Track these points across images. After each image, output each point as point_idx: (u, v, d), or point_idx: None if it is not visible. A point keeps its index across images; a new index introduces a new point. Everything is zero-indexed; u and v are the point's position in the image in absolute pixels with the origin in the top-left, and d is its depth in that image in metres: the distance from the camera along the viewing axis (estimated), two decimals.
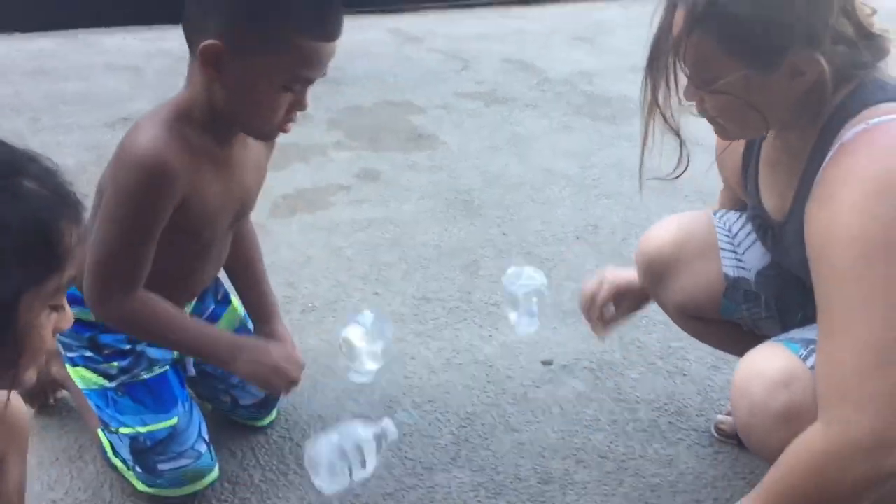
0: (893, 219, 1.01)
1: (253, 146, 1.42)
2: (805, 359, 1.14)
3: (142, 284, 1.35)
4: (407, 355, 1.91)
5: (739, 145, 1.37)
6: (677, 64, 1.13)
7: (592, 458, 1.63)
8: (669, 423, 1.73)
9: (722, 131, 1.23)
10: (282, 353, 1.47)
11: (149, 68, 3.47)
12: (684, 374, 1.88)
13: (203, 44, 1.22)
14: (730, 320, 1.49)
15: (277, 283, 2.11)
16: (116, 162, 1.30)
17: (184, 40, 1.29)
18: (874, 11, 1.14)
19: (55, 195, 0.86)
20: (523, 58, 3.93)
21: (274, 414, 1.67)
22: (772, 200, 1.30)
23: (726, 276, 1.46)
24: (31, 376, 0.94)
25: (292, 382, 1.47)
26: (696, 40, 1.11)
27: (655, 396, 1.81)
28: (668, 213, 2.61)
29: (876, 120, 1.08)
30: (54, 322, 0.91)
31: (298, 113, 1.32)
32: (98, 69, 3.50)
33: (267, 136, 1.36)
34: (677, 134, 1.20)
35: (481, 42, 4.16)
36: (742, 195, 1.43)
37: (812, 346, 1.13)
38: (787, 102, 1.15)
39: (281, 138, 2.05)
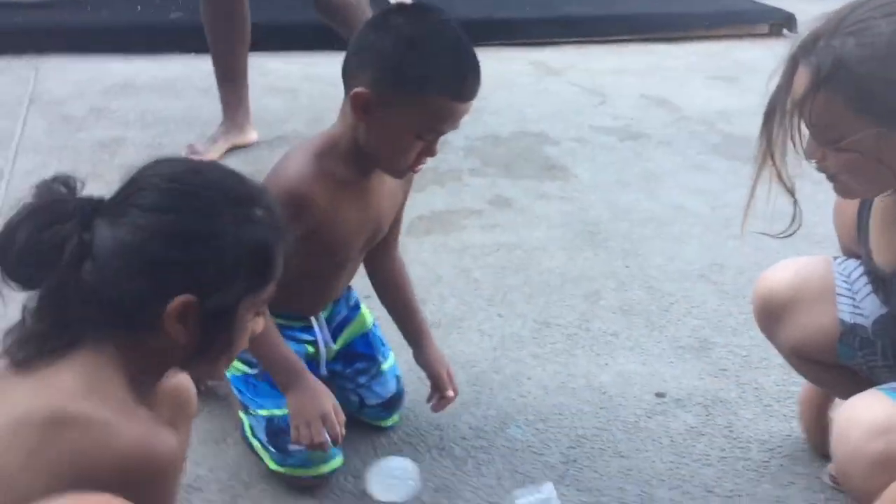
0: None
1: (391, 178, 1.58)
2: None
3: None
4: (524, 375, 2.00)
5: (854, 202, 1.39)
6: (799, 122, 1.16)
7: (699, 492, 1.67)
8: (781, 465, 1.74)
9: (843, 189, 1.25)
10: (327, 408, 1.52)
11: (303, 91, 3.74)
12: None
13: (354, 90, 1.40)
14: (846, 366, 1.50)
15: None
16: (267, 186, 1.49)
17: (335, 67, 1.49)
18: None
19: (275, 223, 1.05)
20: (660, 94, 3.95)
21: (397, 417, 1.80)
22: (884, 255, 1.31)
23: (842, 321, 1.48)
24: (223, 372, 1.12)
25: (318, 442, 1.52)
26: (822, 100, 1.13)
27: (769, 437, 1.82)
28: (795, 256, 2.59)
29: None
30: (254, 326, 1.09)
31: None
32: (260, 89, 3.80)
33: (398, 175, 1.54)
34: (791, 192, 1.23)
35: (619, 77, 4.21)
36: (855, 248, 1.44)
37: None
38: None
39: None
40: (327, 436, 1.53)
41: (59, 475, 0.92)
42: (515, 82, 4.06)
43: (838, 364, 1.51)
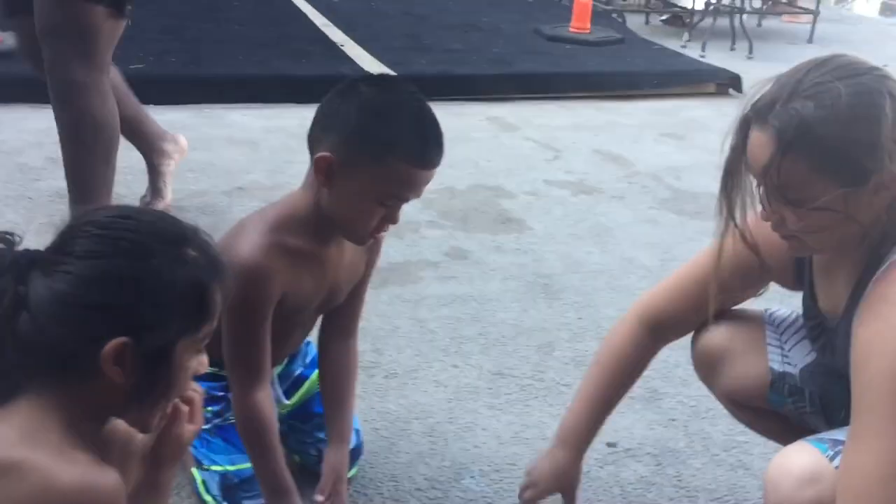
0: None
1: (351, 249, 1.60)
2: (832, 459, 1.21)
3: (264, 379, 1.52)
4: (479, 426, 2.02)
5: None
6: (763, 186, 1.19)
7: None
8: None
9: (799, 247, 1.27)
10: None
11: (264, 143, 3.78)
12: (747, 468, 1.92)
13: (319, 154, 1.43)
14: (778, 412, 1.56)
15: (365, 349, 2.28)
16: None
17: (296, 119, 1.51)
18: None
19: (210, 262, 1.06)
20: (613, 150, 4.08)
21: (355, 469, 1.81)
22: (827, 301, 1.37)
23: (772, 369, 1.54)
24: (159, 419, 1.11)
25: None
26: (787, 164, 1.15)
27: (716, 486, 1.86)
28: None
29: None
30: (194, 367, 1.09)
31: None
32: (221, 141, 3.84)
33: (359, 241, 1.54)
34: (756, 251, 1.27)
35: (574, 133, 4.33)
36: (788, 288, 1.48)
37: (839, 448, 1.20)
38: (869, 216, 1.19)
39: None
40: None
41: None
42: (472, 137, 4.16)
43: (771, 410, 1.57)
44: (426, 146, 1.43)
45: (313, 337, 1.88)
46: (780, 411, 1.56)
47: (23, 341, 0.99)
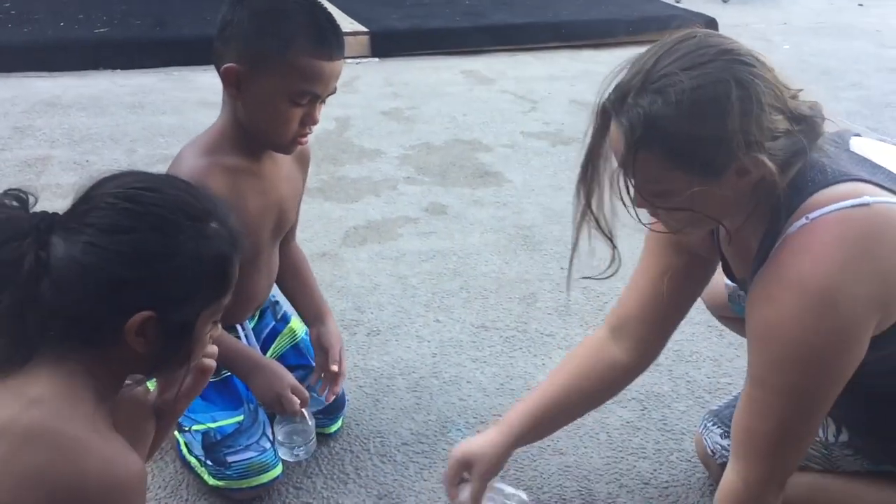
0: (827, 332, 1.14)
1: (284, 162, 1.61)
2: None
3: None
4: (463, 379, 2.02)
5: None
6: (626, 179, 1.18)
7: (636, 484, 1.71)
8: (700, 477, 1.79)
9: (676, 231, 1.30)
10: (290, 382, 1.58)
11: None
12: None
13: (224, 66, 1.43)
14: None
15: (346, 308, 2.27)
16: None
17: None
18: (798, 92, 1.19)
19: (230, 235, 1.06)
20: (590, 99, 4.03)
21: (340, 422, 1.81)
22: (739, 271, 1.40)
23: (727, 283, 1.61)
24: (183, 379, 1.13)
25: (293, 410, 1.58)
26: (640, 160, 1.16)
27: None
28: None
29: (817, 213, 1.15)
30: (211, 335, 1.10)
31: (369, 147, 1.49)
32: (191, 104, 3.77)
33: (285, 148, 1.54)
34: (610, 239, 1.27)
35: (550, 83, 4.29)
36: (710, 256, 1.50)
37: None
38: (736, 199, 1.20)
39: (354, 172, 2.14)
40: (298, 406, 1.57)
41: (24, 488, 0.91)
42: (447, 91, 4.10)
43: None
44: (323, 35, 1.43)
45: (278, 295, 1.87)
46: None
47: (45, 308, 0.98)
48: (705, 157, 1.14)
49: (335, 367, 1.68)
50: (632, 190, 1.20)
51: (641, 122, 1.14)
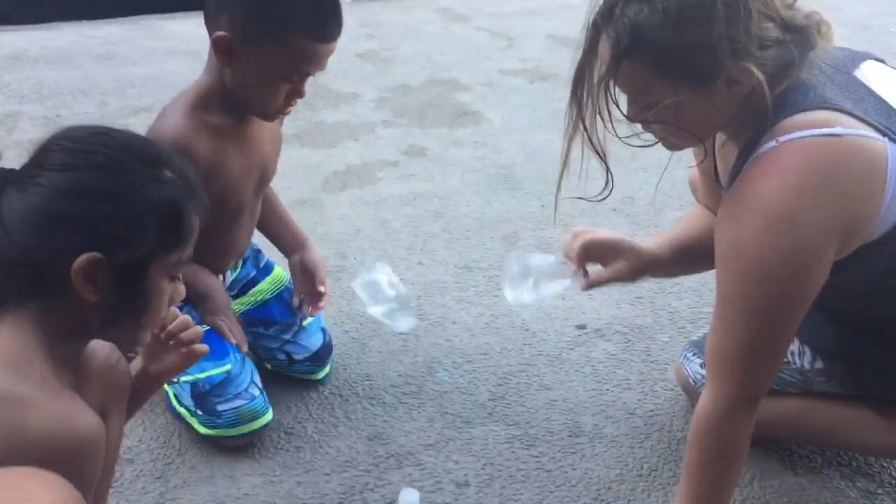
0: (785, 251, 1.16)
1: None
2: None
3: None
4: (448, 320, 2.03)
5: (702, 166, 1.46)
6: (609, 91, 1.18)
7: (621, 415, 1.74)
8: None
9: (670, 146, 1.29)
10: (230, 315, 1.61)
11: (206, 52, 3.64)
12: None
13: (216, 34, 1.40)
14: None
15: (329, 254, 2.26)
16: None
17: None
18: (790, 4, 1.18)
19: (186, 185, 1.04)
20: (568, 34, 3.98)
21: (328, 368, 1.82)
22: (723, 176, 1.40)
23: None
24: (146, 338, 1.11)
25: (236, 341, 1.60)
26: (627, 71, 1.16)
27: None
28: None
29: (786, 137, 1.15)
30: (171, 291, 1.08)
31: (346, 91, 1.48)
32: (161, 54, 3.68)
33: (269, 118, 1.54)
34: (602, 157, 1.27)
35: (526, 19, 4.23)
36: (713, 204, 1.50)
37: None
38: (727, 110, 1.21)
39: (331, 117, 2.09)
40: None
41: None
42: (422, 31, 4.04)
43: None
44: (324, 19, 1.41)
45: (264, 244, 1.86)
46: None
47: (2, 262, 0.97)
48: (692, 65, 1.14)
49: (322, 288, 1.72)
50: (618, 104, 1.20)
51: (627, 31, 1.14)
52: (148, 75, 3.44)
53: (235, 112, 1.51)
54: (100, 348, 1.13)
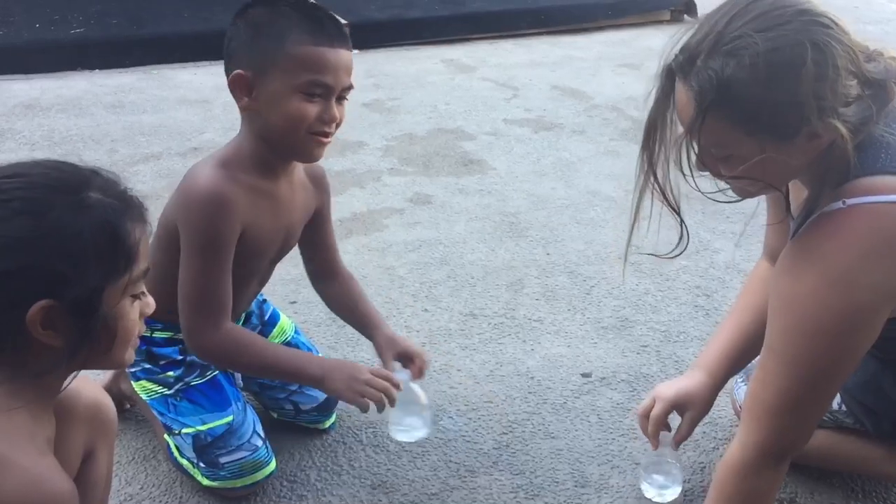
0: (840, 313, 1.16)
1: (299, 187, 1.58)
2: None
3: (229, 314, 1.49)
4: (453, 367, 2.02)
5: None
6: (689, 144, 1.16)
7: (627, 465, 1.72)
8: (703, 432, 1.81)
9: (741, 192, 1.26)
10: (367, 368, 1.54)
11: (217, 101, 3.69)
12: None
13: (233, 74, 1.43)
14: None
15: None
16: (182, 204, 1.46)
17: None
18: (873, 53, 1.17)
19: (118, 201, 1.01)
20: (571, 85, 4.04)
21: (334, 417, 1.81)
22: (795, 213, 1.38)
23: None
24: (130, 356, 1.08)
25: (385, 396, 1.51)
26: (709, 124, 1.13)
27: None
28: (709, 234, 2.70)
29: (854, 200, 1.14)
30: (139, 308, 1.06)
31: (352, 139, 1.48)
32: (171, 102, 3.74)
33: (305, 151, 1.48)
34: (677, 211, 1.24)
35: (531, 70, 4.29)
36: None
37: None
38: (804, 162, 1.18)
39: (337, 165, 2.09)
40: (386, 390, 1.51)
41: None
42: (429, 81, 4.10)
43: None
44: (320, 22, 1.43)
45: (273, 295, 1.86)
46: None
47: None
48: (777, 122, 1.12)
49: (426, 357, 1.67)
50: (694, 156, 1.18)
51: (714, 85, 1.10)
52: (158, 123, 3.49)
53: (269, 171, 1.50)
54: (84, 388, 1.12)
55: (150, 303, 1.08)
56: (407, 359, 1.64)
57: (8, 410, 0.96)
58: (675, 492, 1.62)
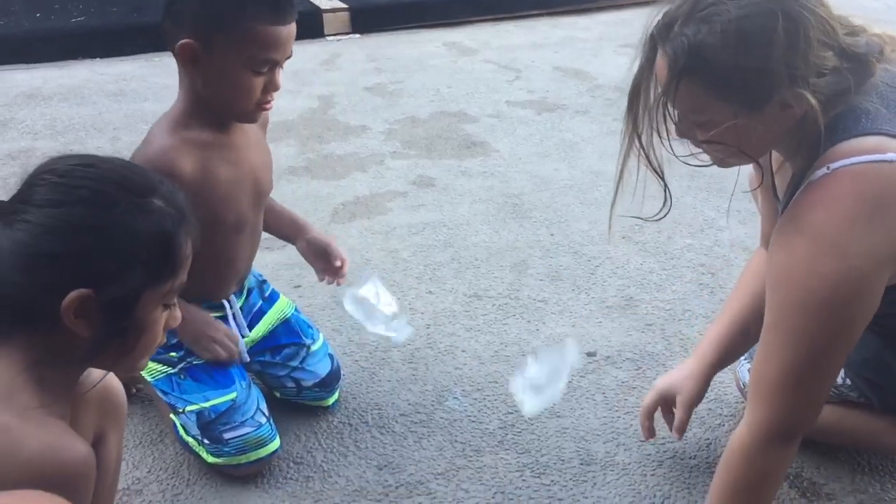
0: (835, 281, 1.15)
1: (251, 129, 1.61)
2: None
3: None
4: (458, 349, 2.03)
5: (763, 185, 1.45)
6: (666, 109, 1.17)
7: (633, 442, 1.72)
8: (709, 409, 1.81)
9: (719, 161, 1.28)
10: (223, 328, 1.62)
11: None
12: None
13: (179, 43, 1.42)
14: None
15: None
16: None
17: None
18: (856, 28, 1.18)
19: (177, 212, 1.03)
20: (574, 66, 4.02)
21: (337, 394, 1.81)
22: (781, 195, 1.38)
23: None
24: (143, 365, 1.10)
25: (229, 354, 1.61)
26: (683, 89, 1.15)
27: None
28: (713, 212, 2.69)
29: (837, 164, 1.14)
30: (166, 319, 1.07)
31: (354, 123, 1.49)
32: (173, 90, 3.72)
33: (249, 117, 1.54)
34: (660, 174, 1.25)
35: (533, 51, 4.26)
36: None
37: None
38: (779, 131, 1.20)
39: (340, 149, 2.08)
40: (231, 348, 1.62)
41: None
42: (431, 64, 4.08)
43: None
44: (276, 1, 1.42)
45: (278, 280, 1.87)
46: None
47: None
48: (748, 88, 1.14)
49: (338, 263, 1.76)
50: (672, 121, 1.20)
51: (685, 50, 1.13)
52: (160, 111, 3.43)
53: (215, 124, 1.53)
54: (94, 371, 1.13)
55: (177, 316, 1.09)
56: (326, 259, 1.76)
57: (18, 388, 0.97)
58: None
